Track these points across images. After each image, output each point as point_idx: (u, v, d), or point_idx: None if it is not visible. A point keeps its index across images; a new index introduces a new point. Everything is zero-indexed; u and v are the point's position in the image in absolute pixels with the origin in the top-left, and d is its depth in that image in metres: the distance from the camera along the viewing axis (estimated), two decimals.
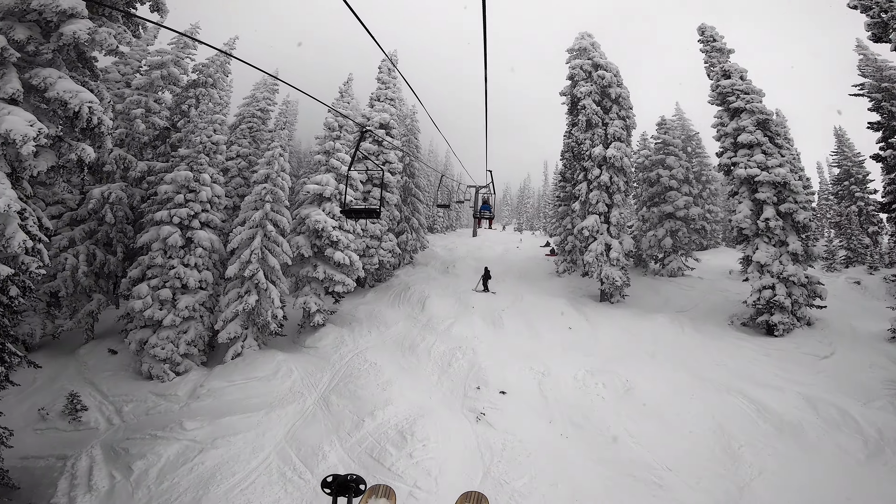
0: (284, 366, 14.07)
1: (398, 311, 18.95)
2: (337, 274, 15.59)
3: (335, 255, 15.38)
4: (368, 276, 22.07)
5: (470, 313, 18.08)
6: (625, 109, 21.06)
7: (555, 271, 24.83)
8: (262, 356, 14.28)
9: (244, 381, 13.41)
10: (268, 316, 14.09)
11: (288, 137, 15.23)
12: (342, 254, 15.49)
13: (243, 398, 12.72)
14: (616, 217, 18.92)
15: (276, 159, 14.91)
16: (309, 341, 15.55)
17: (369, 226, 20.38)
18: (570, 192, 24.74)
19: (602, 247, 18.64)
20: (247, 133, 28.96)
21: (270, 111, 31.15)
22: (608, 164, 19.38)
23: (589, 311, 18.89)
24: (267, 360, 14.16)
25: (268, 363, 14.07)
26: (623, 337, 16.75)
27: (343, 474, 2.80)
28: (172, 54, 20.26)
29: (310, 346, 15.41)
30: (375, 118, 22.48)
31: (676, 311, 20.01)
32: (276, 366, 14.04)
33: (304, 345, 15.53)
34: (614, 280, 18.37)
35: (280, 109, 32.76)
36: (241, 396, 12.79)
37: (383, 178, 5.08)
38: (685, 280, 25.45)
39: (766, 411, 11.51)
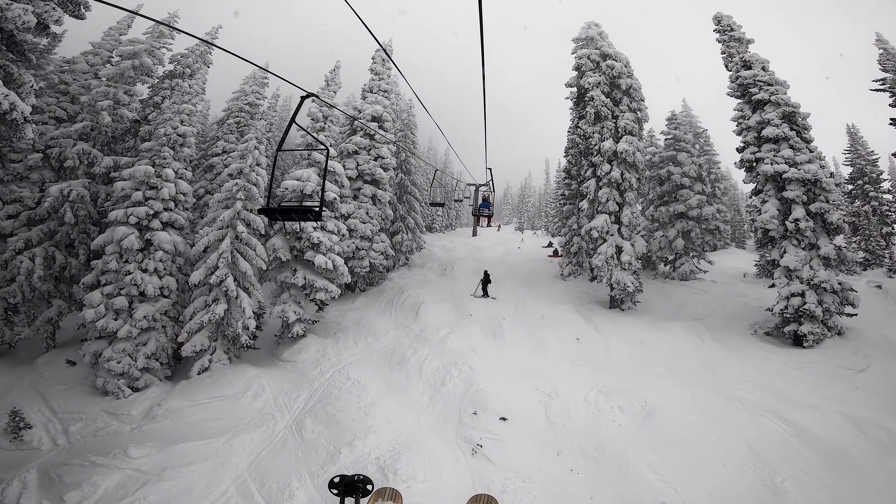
0: (256, 382, 12.48)
1: (389, 319, 17.34)
2: (318, 280, 13.97)
3: (316, 259, 13.77)
4: (359, 280, 20.47)
5: (468, 322, 16.47)
6: (636, 102, 19.45)
7: (559, 274, 23.20)
8: (231, 371, 12.70)
9: (208, 399, 11.82)
10: (238, 327, 12.50)
11: (266, 129, 13.58)
12: (324, 257, 13.87)
13: (204, 420, 11.13)
14: (628, 217, 17.29)
15: (250, 152, 13.31)
16: (287, 354, 13.94)
17: (359, 226, 18.76)
18: (577, 189, 23.08)
19: (612, 249, 17.01)
20: (234, 128, 27.55)
21: (259, 105, 29.73)
22: (619, 160, 17.75)
23: (598, 319, 17.27)
24: (237, 376, 12.57)
25: (237, 379, 12.49)
26: (637, 349, 15.16)
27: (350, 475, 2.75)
28: (147, 44, 18.80)
29: (287, 359, 13.81)
30: (367, 110, 20.88)
31: (692, 318, 18.41)
32: (247, 382, 12.45)
33: (282, 358, 13.92)
34: (626, 286, 16.75)
35: (269, 104, 31.23)
36: (203, 418, 11.20)
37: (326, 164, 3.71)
38: (698, 284, 23.81)
39: (806, 436, 10.01)
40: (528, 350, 14.60)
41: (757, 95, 17.06)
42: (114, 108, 17.12)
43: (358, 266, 18.92)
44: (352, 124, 20.76)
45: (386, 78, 23.24)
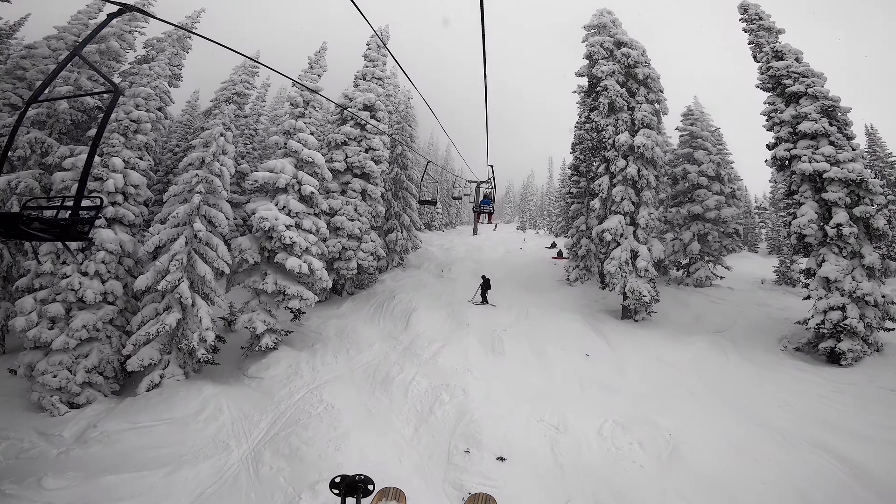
0: (213, 403, 10.74)
1: (376, 328, 15.57)
2: (291, 285, 12.19)
3: (288, 262, 11.99)
4: (346, 283, 18.72)
5: (464, 333, 14.69)
6: (654, 92, 17.63)
7: (565, 278, 21.40)
8: (185, 389, 10.98)
9: (152, 422, 10.10)
10: (193, 339, 10.77)
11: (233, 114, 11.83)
12: (297, 260, 12.09)
13: (144, 447, 9.40)
14: (645, 218, 15.48)
15: (214, 139, 11.53)
16: (253, 370, 12.18)
17: (346, 224, 16.98)
18: (586, 187, 21.30)
19: (627, 254, 15.21)
20: None
21: (248, 95, 28.06)
22: (636, 155, 15.93)
23: (609, 331, 15.48)
24: (191, 395, 10.85)
25: (191, 399, 10.76)
26: (655, 368, 13.39)
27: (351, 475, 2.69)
28: (116, 27, 17.10)
29: (253, 375, 12.05)
30: (359, 98, 19.08)
31: (713, 331, 16.64)
32: (202, 403, 10.72)
33: (248, 374, 12.16)
34: (641, 295, 14.96)
35: (258, 93, 29.46)
36: (143, 444, 9.48)
37: (109, 111, 2.34)
38: (715, 291, 22.02)
39: (861, 473, 8.36)
40: (531, 369, 12.82)
41: (791, 88, 15.32)
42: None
43: (344, 268, 17.16)
44: (341, 113, 18.98)
45: (380, 65, 21.44)
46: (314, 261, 12.42)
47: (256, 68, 29.83)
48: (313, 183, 12.94)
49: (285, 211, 12.29)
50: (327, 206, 15.73)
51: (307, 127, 13.57)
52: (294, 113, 13.81)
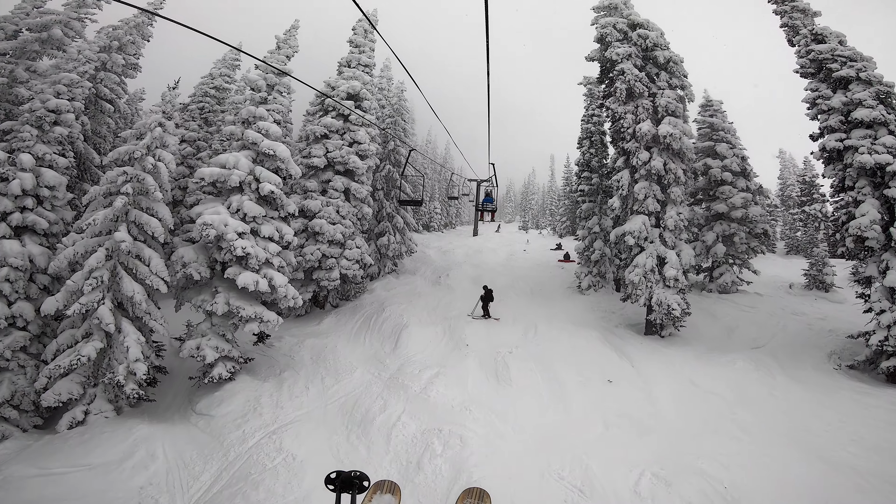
0: (145, 447, 8.57)
1: (360, 349, 13.39)
2: (247, 305, 10.00)
3: (240, 278, 9.78)
4: (330, 294, 16.53)
5: (462, 356, 12.51)
6: (677, 78, 15.46)
7: (576, 285, 19.18)
8: (113, 428, 8.84)
9: (66, 468, 7.95)
10: (119, 373, 8.61)
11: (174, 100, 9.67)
12: (253, 275, 9.91)
13: (54, 499, 7.27)
14: (673, 218, 13.28)
15: (149, 130, 9.35)
16: (203, 405, 9.99)
17: (326, 228, 14.80)
18: (598, 184, 19.10)
19: (653, 260, 13.02)
20: (197, 115, 23.79)
21: (228, 89, 25.90)
22: (661, 146, 13.73)
23: (632, 350, 13.28)
24: (118, 436, 8.70)
25: (118, 441, 8.61)
26: (692, 395, 11.24)
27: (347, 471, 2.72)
28: (63, 15, 15.10)
29: (202, 413, 9.87)
30: (342, 87, 16.90)
31: (751, 346, 14.51)
32: (132, 446, 8.56)
33: (196, 410, 9.98)
34: (671, 308, 12.78)
35: (238, 87, 27.25)
36: (52, 496, 7.34)
37: None
38: (742, 298, 19.82)
39: None
40: (543, 402, 10.63)
41: (839, 72, 13.28)
42: (9, 86, 13.28)
43: (325, 279, 14.97)
44: (322, 104, 16.83)
45: (367, 51, 19.26)
46: (276, 275, 10.24)
47: (238, 61, 27.71)
48: (274, 180, 10.73)
49: (239, 215, 10.12)
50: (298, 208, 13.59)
51: (270, 115, 11.40)
52: (255, 98, 11.67)
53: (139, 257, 9.15)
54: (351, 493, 2.73)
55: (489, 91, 5.44)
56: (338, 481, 2.73)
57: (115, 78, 15.09)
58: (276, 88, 12.13)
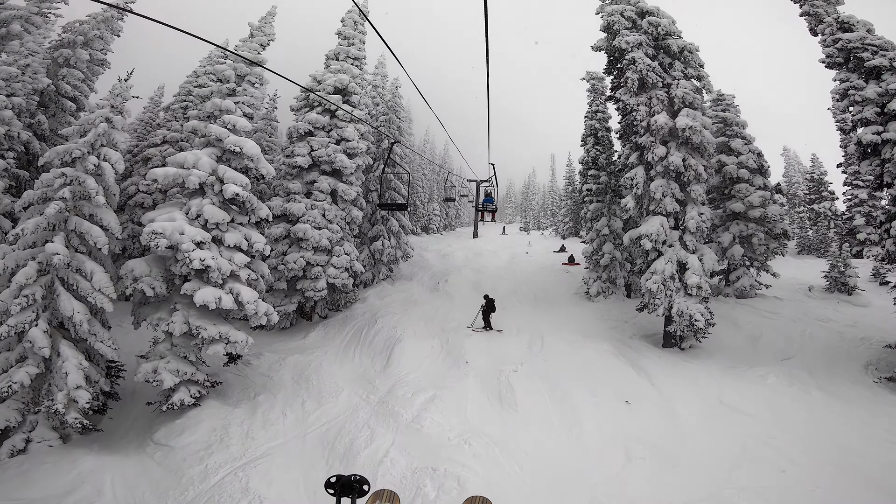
0: (90, 481, 7.34)
1: (348, 367, 12.09)
2: (209, 325, 8.69)
3: (198, 294, 8.43)
4: (317, 305, 15.22)
5: (461, 374, 11.20)
6: (693, 67, 14.21)
7: (583, 291, 17.84)
8: (56, 459, 7.65)
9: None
10: (59, 401, 7.35)
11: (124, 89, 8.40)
12: (214, 290, 8.58)
13: None
14: (695, 220, 11.98)
15: (93, 126, 8.09)
16: (162, 434, 8.70)
17: (311, 233, 13.49)
18: (607, 182, 17.78)
19: (672, 266, 11.72)
20: (180, 114, 22.56)
21: (212, 87, 24.64)
22: (679, 140, 12.45)
23: (650, 365, 11.96)
24: (61, 469, 7.48)
25: (62, 473, 7.37)
26: (722, 417, 9.99)
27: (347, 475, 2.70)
28: (24, 10, 14.03)
29: (161, 443, 8.58)
30: (329, 81, 15.65)
31: (780, 357, 13.23)
32: (75, 480, 7.33)
33: (154, 440, 8.70)
34: (693, 319, 11.47)
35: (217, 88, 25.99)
36: None
37: None
38: (762, 303, 18.48)
39: None
40: (553, 429, 9.31)
41: (872, 61, 12.09)
42: None
43: (310, 289, 13.67)
44: (307, 98, 15.57)
45: (357, 43, 18.03)
46: (244, 290, 8.95)
47: (224, 59, 26.54)
48: (240, 181, 9.40)
49: (200, 221, 8.82)
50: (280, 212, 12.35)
51: (239, 108, 10.13)
52: (222, 91, 10.41)
53: (80, 271, 7.88)
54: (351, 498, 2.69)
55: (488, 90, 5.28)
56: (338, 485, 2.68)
57: (78, 74, 13.89)
58: (248, 79, 10.86)
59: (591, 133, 22.26)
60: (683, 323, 11.61)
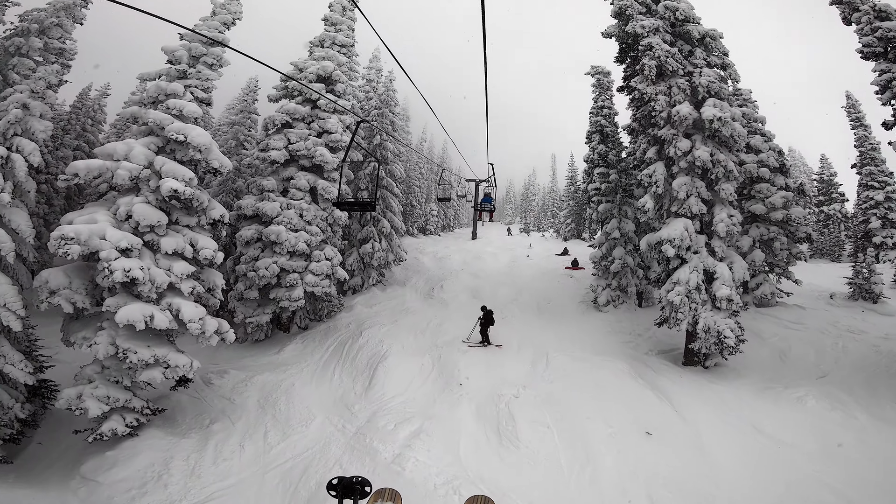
0: None
1: (324, 389, 10.56)
2: (141, 348, 7.14)
3: (122, 313, 6.85)
4: (296, 315, 13.69)
5: (454, 400, 9.68)
6: (716, 55, 12.78)
7: (591, 300, 16.27)
8: None
9: None
10: None
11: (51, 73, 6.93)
12: (145, 307, 7.03)
13: None
14: (725, 223, 10.48)
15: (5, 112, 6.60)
16: (90, 467, 7.22)
17: (286, 236, 11.98)
18: (618, 181, 16.26)
19: (698, 276, 10.21)
20: None
21: None
22: (706, 133, 10.96)
23: (672, 387, 10.45)
24: None
25: None
26: (761, 450, 8.61)
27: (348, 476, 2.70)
28: None
29: (89, 477, 7.11)
30: (311, 68, 14.17)
31: (814, 375, 11.81)
32: None
33: (82, 473, 7.22)
34: (723, 336, 9.97)
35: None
36: None
37: None
38: (784, 312, 16.98)
39: None
40: (562, 469, 7.79)
41: None
42: None
43: (285, 298, 12.15)
44: (286, 87, 14.09)
45: (345, 30, 16.56)
46: (185, 305, 7.45)
47: None
48: (183, 175, 7.85)
49: (131, 223, 7.30)
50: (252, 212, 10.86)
51: (189, 92, 8.63)
52: (171, 73, 8.92)
53: None
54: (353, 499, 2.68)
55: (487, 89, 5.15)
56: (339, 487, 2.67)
57: (29, 63, 12.38)
58: (204, 60, 9.36)
59: (597, 129, 20.99)
60: (710, 340, 10.10)
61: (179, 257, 7.80)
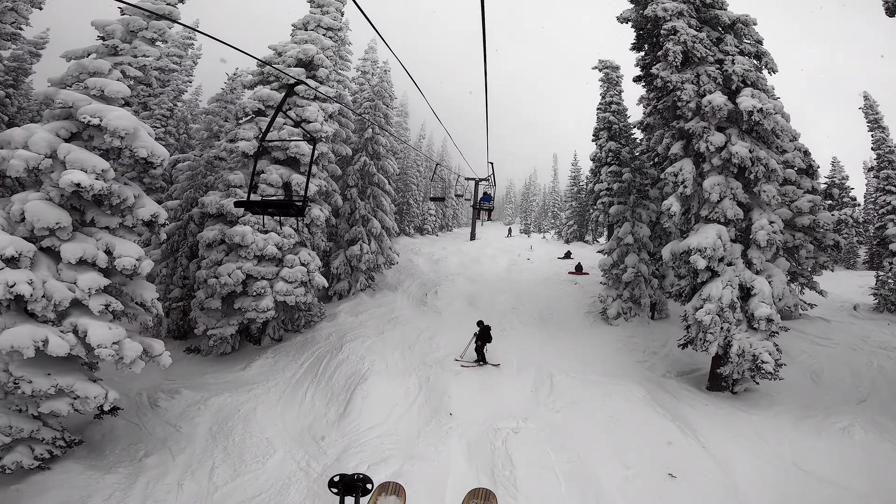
0: None
1: (291, 415, 9.07)
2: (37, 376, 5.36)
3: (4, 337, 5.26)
4: (269, 326, 12.21)
5: (441, 434, 8.21)
6: (749, 42, 11.30)
7: (598, 311, 14.75)
8: None
9: None
10: None
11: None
12: (36, 330, 5.27)
13: None
14: (765, 230, 9.00)
15: None
16: None
17: (251, 238, 10.49)
18: (631, 181, 14.75)
19: (732, 292, 8.74)
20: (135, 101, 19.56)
21: (173, 70, 21.87)
22: (743, 126, 9.48)
23: (697, 416, 8.98)
24: None
25: None
26: (804, 492, 7.36)
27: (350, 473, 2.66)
28: None
29: None
30: (290, 52, 12.71)
31: (854, 399, 10.52)
32: None
33: None
34: (760, 361, 8.51)
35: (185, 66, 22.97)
36: None
37: None
38: (809, 326, 15.55)
39: None
40: None
41: None
42: None
43: (252, 308, 10.66)
44: (262, 73, 12.63)
45: (333, 12, 15.07)
46: (94, 326, 5.99)
47: (192, 39, 23.61)
48: (92, 166, 6.23)
49: (27, 226, 5.80)
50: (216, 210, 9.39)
51: (117, 70, 7.16)
52: (100, 50, 7.47)
53: None
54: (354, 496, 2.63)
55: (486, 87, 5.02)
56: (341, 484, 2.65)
57: None
58: (142, 35, 7.88)
59: (605, 126, 19.61)
60: (744, 365, 8.62)
61: (89, 267, 6.32)
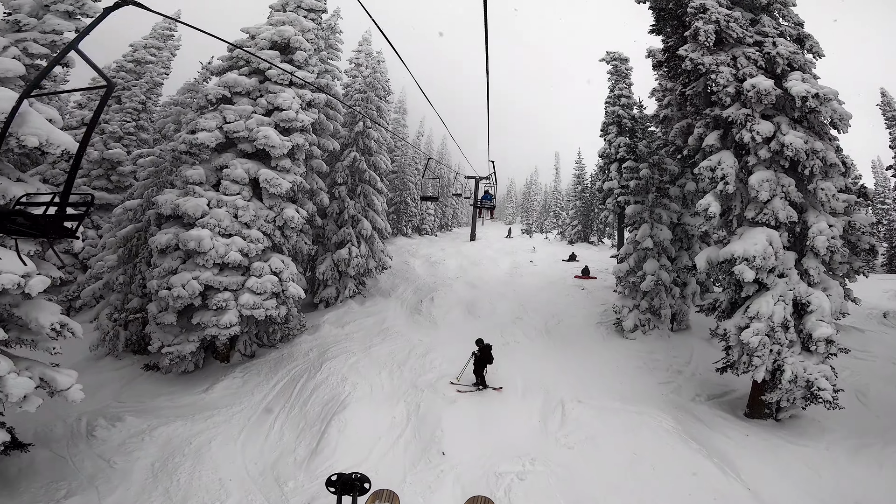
0: None
1: (253, 452, 7.60)
2: None
3: None
4: (239, 340, 10.75)
5: (431, 478, 6.75)
6: (789, 24, 9.79)
7: (611, 322, 13.23)
8: None
9: None
10: None
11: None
12: None
13: None
14: (825, 235, 7.63)
15: None
16: None
17: (209, 243, 9.03)
18: (650, 177, 13.21)
19: (785, 308, 7.28)
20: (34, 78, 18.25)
21: (150, 64, 20.59)
22: (795, 114, 8.02)
23: (736, 450, 7.50)
24: None
25: None
26: None
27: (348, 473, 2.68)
28: None
29: None
30: (265, 34, 11.28)
31: None
32: None
33: None
34: (816, 388, 7.06)
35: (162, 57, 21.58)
36: None
37: None
38: (843, 336, 13.76)
39: None
40: None
41: None
42: None
43: (212, 324, 9.20)
44: (232, 57, 11.20)
45: None
46: None
47: (172, 30, 22.27)
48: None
49: None
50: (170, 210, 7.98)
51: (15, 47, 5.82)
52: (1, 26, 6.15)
53: None
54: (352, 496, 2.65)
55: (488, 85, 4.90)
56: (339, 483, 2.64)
57: None
58: (55, 9, 6.54)
59: (614, 121, 18.48)
60: (797, 392, 7.14)
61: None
